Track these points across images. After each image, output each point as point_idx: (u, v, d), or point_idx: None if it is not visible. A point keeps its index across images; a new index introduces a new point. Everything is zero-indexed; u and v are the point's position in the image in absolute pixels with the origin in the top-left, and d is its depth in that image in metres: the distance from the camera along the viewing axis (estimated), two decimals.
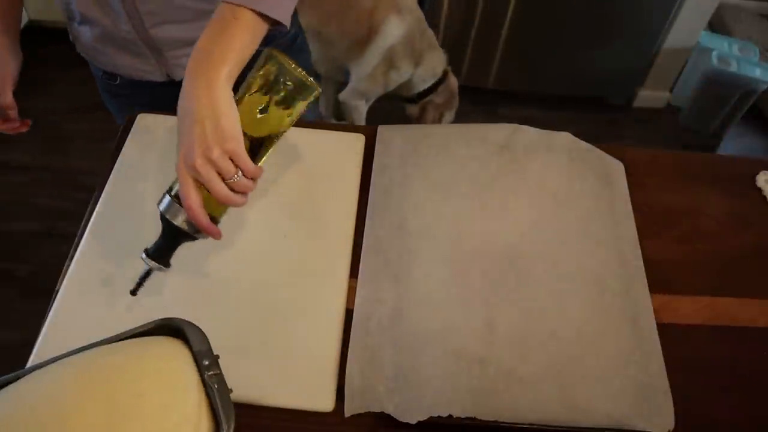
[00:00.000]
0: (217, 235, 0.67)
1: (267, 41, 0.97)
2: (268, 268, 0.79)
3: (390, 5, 1.56)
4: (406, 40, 1.63)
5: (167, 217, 0.67)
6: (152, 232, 0.81)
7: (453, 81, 1.83)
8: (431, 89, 1.78)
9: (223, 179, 0.63)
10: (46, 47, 2.31)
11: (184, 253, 0.79)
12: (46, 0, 2.26)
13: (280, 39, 1.00)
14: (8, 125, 0.89)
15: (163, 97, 0.98)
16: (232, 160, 0.62)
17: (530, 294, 0.78)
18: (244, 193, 0.66)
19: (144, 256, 0.70)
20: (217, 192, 0.63)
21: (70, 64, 1.04)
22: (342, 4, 1.57)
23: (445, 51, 1.79)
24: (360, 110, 1.80)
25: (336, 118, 2.12)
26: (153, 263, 0.69)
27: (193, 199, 0.62)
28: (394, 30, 1.58)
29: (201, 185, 0.63)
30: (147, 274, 0.71)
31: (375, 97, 1.79)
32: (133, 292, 0.72)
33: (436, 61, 1.76)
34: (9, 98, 0.86)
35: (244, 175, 0.64)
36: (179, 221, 0.66)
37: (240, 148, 0.63)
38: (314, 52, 1.69)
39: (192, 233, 0.67)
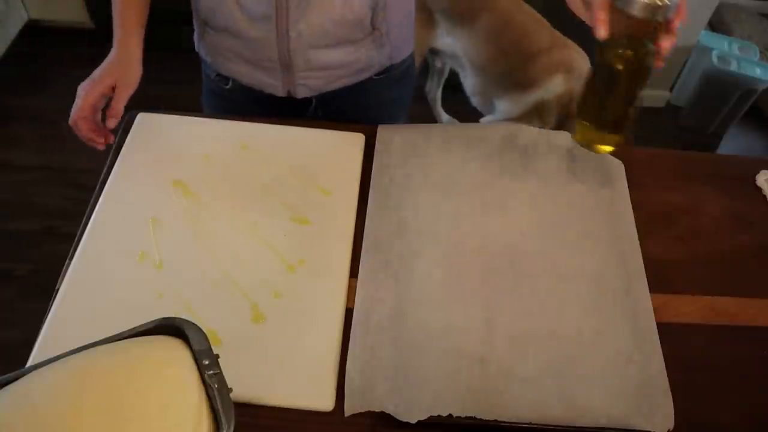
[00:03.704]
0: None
1: (383, 72, 1.00)
2: (268, 267, 0.79)
3: (563, 63, 1.51)
4: (562, 98, 1.56)
5: None
6: (151, 232, 0.81)
7: None
8: None
9: None
10: (46, 47, 2.31)
11: (183, 252, 0.80)
12: (46, 0, 2.26)
13: (397, 68, 1.02)
14: (104, 137, 0.86)
15: (272, 110, 0.99)
16: None
17: (530, 293, 0.78)
18: None
19: None
20: None
21: (70, 64, 1.04)
22: (518, 47, 1.53)
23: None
24: None
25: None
26: None
27: None
28: (556, 88, 1.54)
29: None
30: None
31: None
32: None
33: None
34: (121, 107, 0.85)
35: None
36: None
37: None
38: (472, 86, 1.67)
39: None
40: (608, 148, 0.77)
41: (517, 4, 1.51)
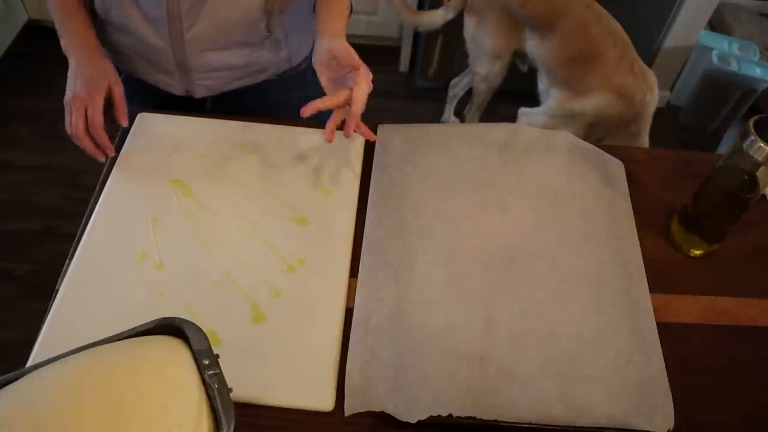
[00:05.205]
0: None
1: (283, 73, 1.00)
2: (268, 267, 0.79)
3: (619, 87, 1.50)
4: (603, 118, 1.55)
5: None
6: (151, 232, 0.81)
7: None
8: None
9: None
10: (46, 47, 2.31)
11: (183, 252, 0.80)
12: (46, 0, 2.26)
13: (295, 69, 1.03)
14: (102, 148, 0.85)
15: (168, 104, 0.98)
16: None
17: (530, 293, 0.78)
18: None
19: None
20: None
21: None
22: (584, 58, 1.53)
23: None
24: None
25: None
26: None
27: None
28: (601, 106, 1.52)
29: None
30: None
31: None
32: None
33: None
34: (125, 104, 0.86)
35: None
36: None
37: None
38: (541, 87, 1.67)
39: None
40: (698, 252, 0.86)
41: (596, 17, 1.52)
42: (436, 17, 1.79)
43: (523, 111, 1.73)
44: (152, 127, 0.93)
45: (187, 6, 0.84)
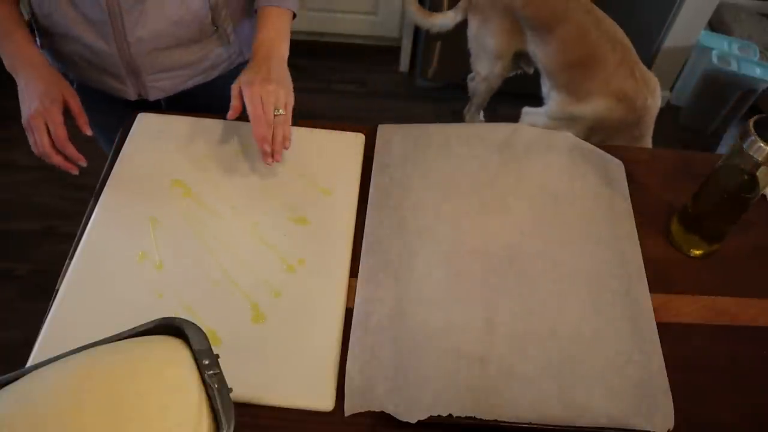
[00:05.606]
0: None
1: (236, 67, 1.00)
2: (268, 267, 0.79)
3: (618, 91, 1.49)
4: (603, 122, 1.55)
5: None
6: (151, 232, 0.81)
7: None
8: None
9: None
10: None
11: (183, 252, 0.80)
12: None
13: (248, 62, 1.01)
14: (70, 161, 0.83)
15: (125, 109, 0.96)
16: None
17: (530, 293, 0.78)
18: None
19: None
20: None
21: None
22: (583, 63, 1.53)
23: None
24: None
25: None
26: None
27: None
28: (600, 110, 1.52)
29: None
30: None
31: None
32: None
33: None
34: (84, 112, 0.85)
35: None
36: None
37: None
38: (544, 90, 1.68)
39: None
40: (698, 252, 0.86)
41: (596, 23, 1.52)
42: (448, 19, 1.80)
43: (526, 110, 1.73)
44: (152, 127, 0.93)
45: (128, 5, 0.83)
